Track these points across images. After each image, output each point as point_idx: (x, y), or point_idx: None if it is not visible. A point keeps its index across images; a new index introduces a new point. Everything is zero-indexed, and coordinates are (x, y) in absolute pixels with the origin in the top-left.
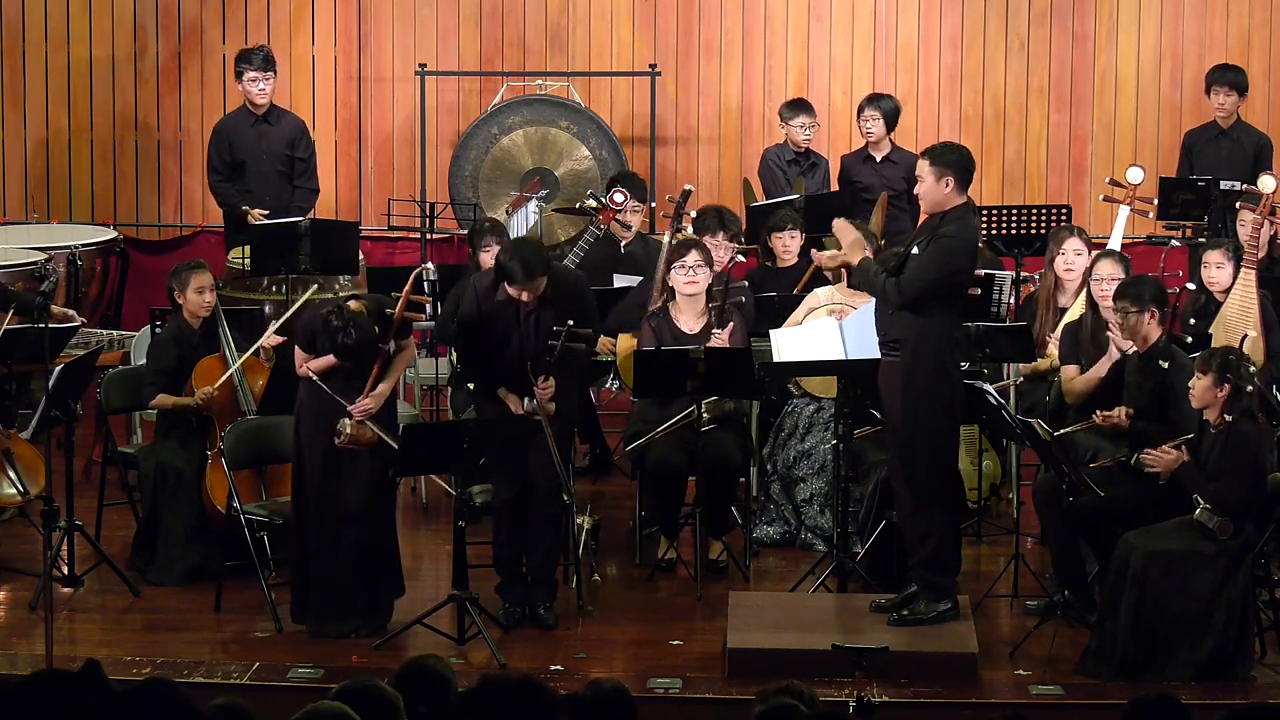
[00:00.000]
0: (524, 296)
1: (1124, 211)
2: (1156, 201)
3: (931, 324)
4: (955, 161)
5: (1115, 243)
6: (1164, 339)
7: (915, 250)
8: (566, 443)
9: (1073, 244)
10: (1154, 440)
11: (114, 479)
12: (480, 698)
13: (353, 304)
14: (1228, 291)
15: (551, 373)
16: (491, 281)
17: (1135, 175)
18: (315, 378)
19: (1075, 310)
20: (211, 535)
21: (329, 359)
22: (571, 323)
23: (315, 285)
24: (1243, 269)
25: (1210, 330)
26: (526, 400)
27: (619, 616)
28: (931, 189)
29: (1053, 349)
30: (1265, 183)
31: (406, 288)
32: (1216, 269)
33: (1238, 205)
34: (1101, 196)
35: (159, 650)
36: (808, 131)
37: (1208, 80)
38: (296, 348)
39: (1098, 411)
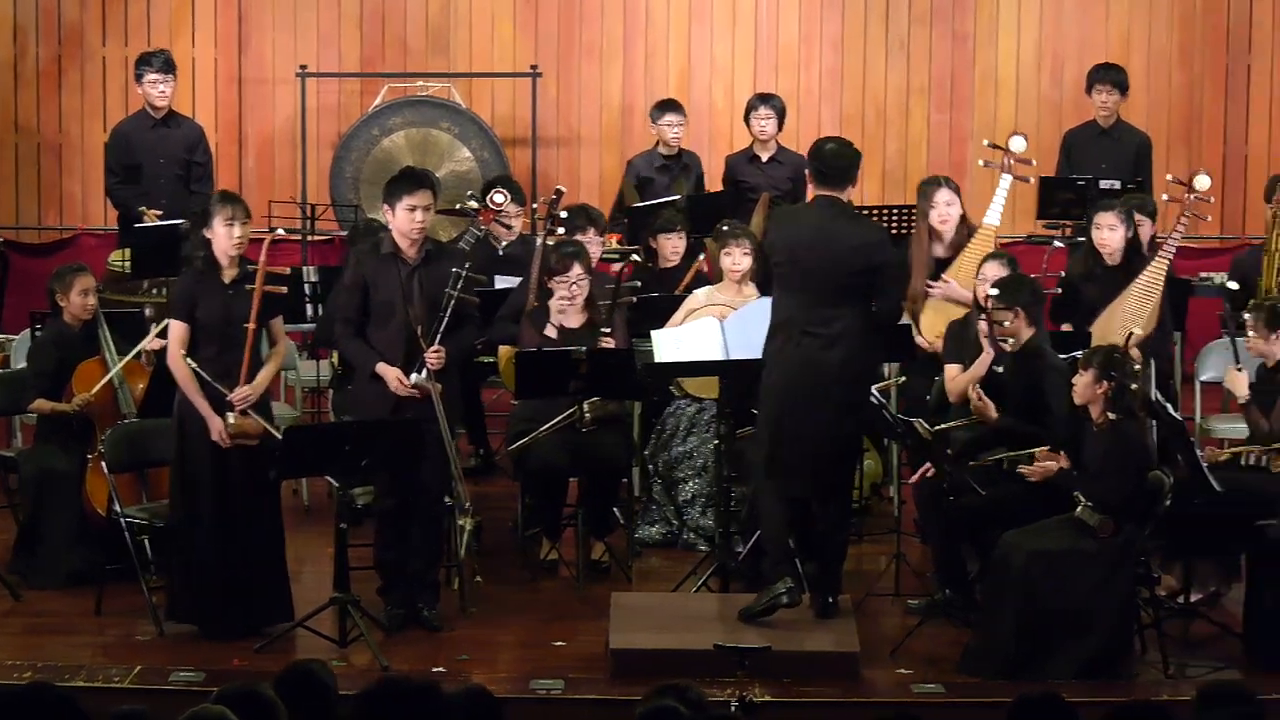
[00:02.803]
0: (417, 216)
1: (1005, 180)
2: (1034, 164)
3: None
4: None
5: (995, 213)
6: (1037, 338)
7: None
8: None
9: (943, 195)
10: (1028, 439)
11: None
12: (378, 698)
13: None
14: (1120, 253)
15: (444, 341)
16: (373, 242)
17: (1018, 144)
18: (193, 364)
19: (960, 309)
20: (92, 539)
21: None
22: (467, 267)
23: None
24: (1158, 258)
25: (1105, 311)
26: (414, 374)
27: (501, 618)
28: None
29: (932, 331)
30: (1200, 181)
31: (262, 259)
32: (1109, 231)
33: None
34: (981, 161)
35: (40, 654)
36: (676, 130)
37: (1089, 79)
38: (172, 327)
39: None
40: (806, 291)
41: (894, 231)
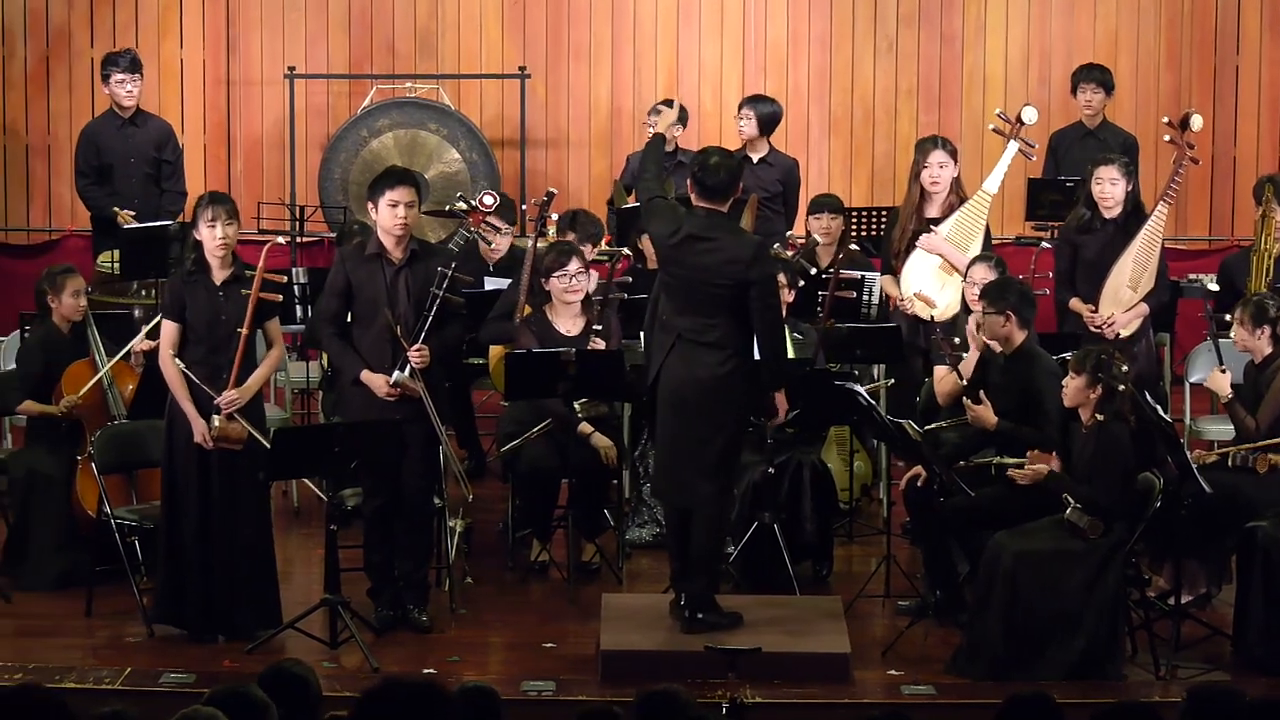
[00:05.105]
0: (399, 212)
1: (1011, 149)
2: (1037, 147)
3: None
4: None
5: (995, 180)
6: (1029, 341)
7: None
8: (435, 446)
9: (937, 156)
10: (1020, 442)
11: None
12: (379, 699)
13: None
14: (1120, 207)
15: (428, 340)
16: (359, 242)
17: (1030, 115)
18: (181, 365)
19: (951, 310)
20: (82, 540)
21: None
22: (453, 267)
23: None
24: (1161, 204)
25: (1114, 269)
26: (396, 372)
27: (492, 619)
28: None
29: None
30: (1195, 121)
31: (260, 266)
32: (1110, 184)
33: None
34: (991, 126)
35: (31, 656)
36: (675, 130)
37: (1074, 79)
38: (163, 327)
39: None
40: (678, 297)
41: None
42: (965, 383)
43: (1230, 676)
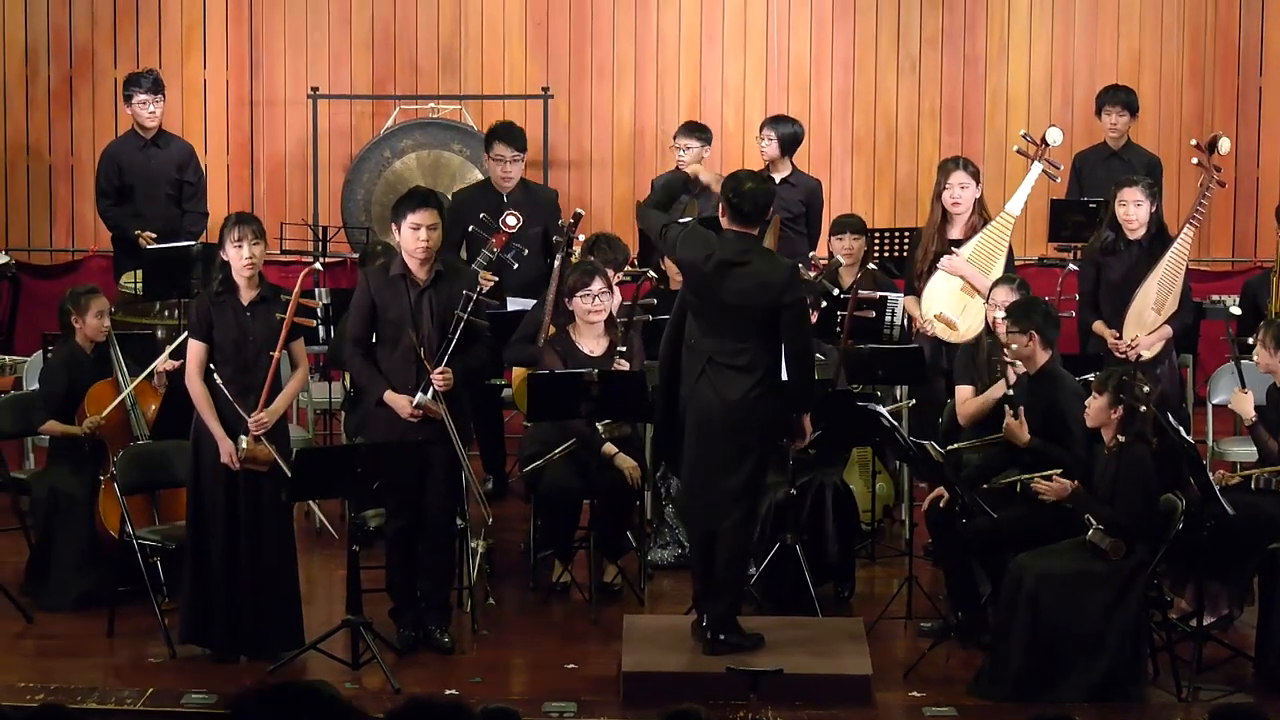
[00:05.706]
0: (421, 235)
1: (1035, 170)
2: (1061, 168)
3: None
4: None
5: (1018, 201)
6: (1052, 362)
7: None
8: (457, 468)
9: (958, 177)
10: (1050, 462)
11: (5, 504)
12: (406, 719)
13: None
14: (1144, 228)
15: (451, 361)
16: (383, 263)
17: (1055, 136)
18: (219, 381)
19: (972, 332)
20: (104, 560)
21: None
22: (479, 291)
23: None
24: (1186, 227)
25: (1139, 292)
26: (419, 394)
27: (513, 640)
28: None
29: (930, 310)
30: (1223, 145)
31: (296, 290)
32: (1135, 206)
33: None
34: (1015, 148)
35: (52, 676)
36: (682, 153)
37: (1098, 101)
38: (190, 347)
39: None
40: (706, 320)
41: (907, 254)
42: (1010, 390)
43: (1253, 698)
